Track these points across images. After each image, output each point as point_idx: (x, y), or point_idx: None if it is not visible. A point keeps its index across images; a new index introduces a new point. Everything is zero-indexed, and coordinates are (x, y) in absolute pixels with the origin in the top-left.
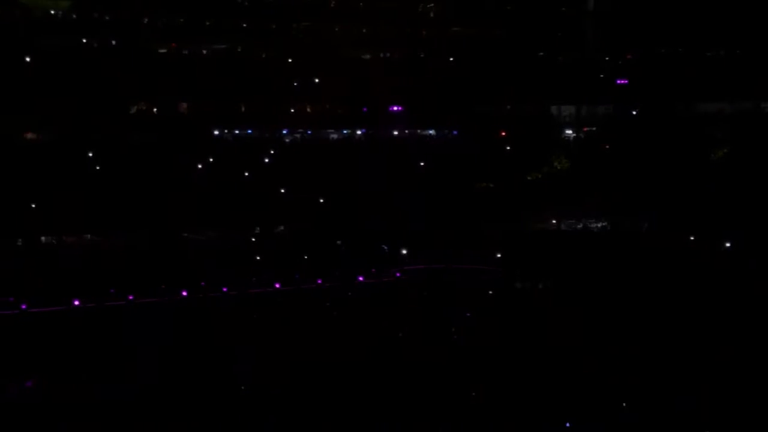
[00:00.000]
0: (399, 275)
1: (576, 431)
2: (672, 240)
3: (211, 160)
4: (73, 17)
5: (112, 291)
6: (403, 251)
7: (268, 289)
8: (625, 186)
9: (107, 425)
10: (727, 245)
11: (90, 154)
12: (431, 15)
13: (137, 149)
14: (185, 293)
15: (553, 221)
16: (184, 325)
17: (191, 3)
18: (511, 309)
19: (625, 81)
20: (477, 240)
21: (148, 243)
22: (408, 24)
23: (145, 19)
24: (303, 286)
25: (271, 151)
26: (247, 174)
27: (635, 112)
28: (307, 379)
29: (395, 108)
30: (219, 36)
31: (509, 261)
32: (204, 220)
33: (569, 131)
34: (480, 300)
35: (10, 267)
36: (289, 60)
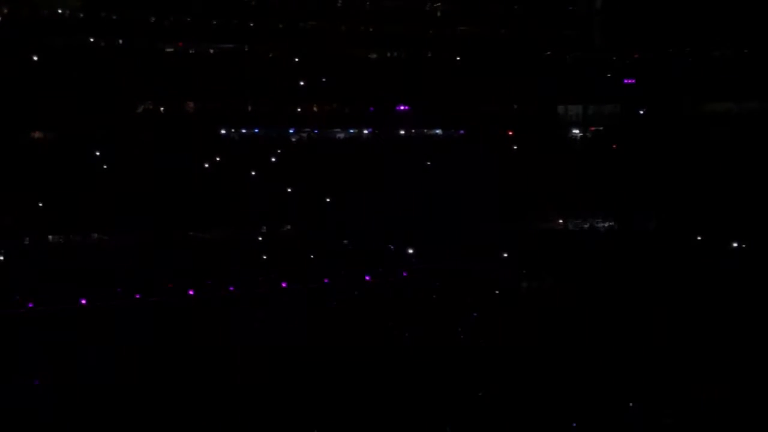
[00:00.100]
0: (405, 275)
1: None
2: (679, 240)
3: (218, 159)
4: (80, 16)
5: (119, 290)
6: (410, 251)
7: (274, 288)
8: (633, 186)
9: (109, 425)
10: (734, 245)
11: (97, 153)
12: (438, 14)
13: (144, 148)
14: (192, 292)
15: (560, 221)
16: (190, 325)
17: (198, 3)
18: (518, 309)
19: (633, 80)
20: (483, 239)
21: (154, 242)
22: (415, 23)
23: (152, 19)
24: (309, 285)
25: (278, 151)
26: (254, 173)
27: (642, 111)
28: (313, 378)
29: (402, 107)
30: (226, 35)
31: (516, 260)
32: (210, 218)
33: (576, 131)
34: (486, 300)
35: (17, 266)
36: (296, 59)
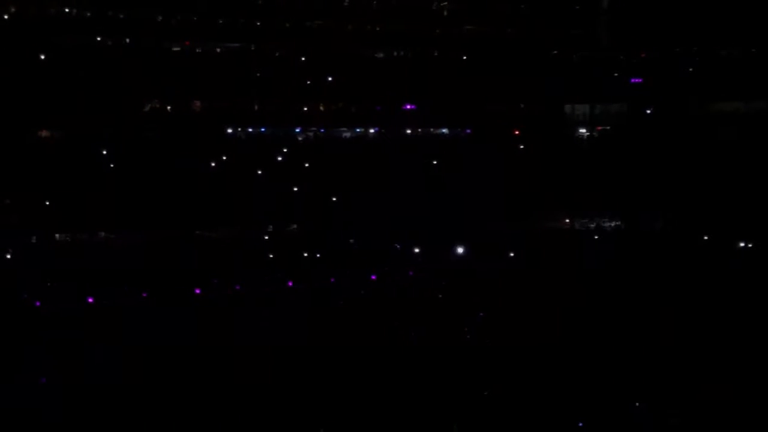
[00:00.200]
0: (412, 274)
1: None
2: (686, 239)
3: (224, 158)
4: (87, 15)
5: (125, 288)
6: (416, 250)
7: (280, 287)
8: (639, 185)
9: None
10: (742, 245)
11: (104, 152)
12: (445, 14)
13: (151, 147)
14: (198, 291)
15: (567, 220)
16: (196, 323)
17: (205, 2)
18: (525, 308)
19: (640, 80)
20: (490, 239)
21: (161, 240)
22: (422, 23)
23: (159, 18)
24: (316, 284)
25: (284, 150)
26: (260, 172)
27: (650, 110)
28: (319, 377)
29: (408, 106)
30: (233, 34)
31: (523, 260)
32: (217, 217)
33: (583, 130)
34: (493, 299)
35: (24, 264)
36: (303, 59)
